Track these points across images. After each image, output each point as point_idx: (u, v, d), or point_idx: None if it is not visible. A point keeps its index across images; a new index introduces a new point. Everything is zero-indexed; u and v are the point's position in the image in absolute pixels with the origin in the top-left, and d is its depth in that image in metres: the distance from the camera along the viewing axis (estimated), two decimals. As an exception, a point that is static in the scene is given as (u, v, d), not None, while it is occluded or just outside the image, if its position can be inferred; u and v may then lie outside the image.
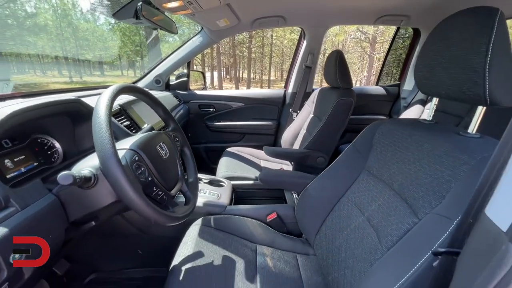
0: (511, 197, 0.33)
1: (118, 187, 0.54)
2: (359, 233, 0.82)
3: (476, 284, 0.35)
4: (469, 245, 0.39)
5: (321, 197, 1.03)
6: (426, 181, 0.67)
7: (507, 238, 0.32)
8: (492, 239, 0.35)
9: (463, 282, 0.39)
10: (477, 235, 0.38)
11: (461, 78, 0.62)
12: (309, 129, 1.79)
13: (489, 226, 0.35)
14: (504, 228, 0.33)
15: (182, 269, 0.85)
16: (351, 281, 0.75)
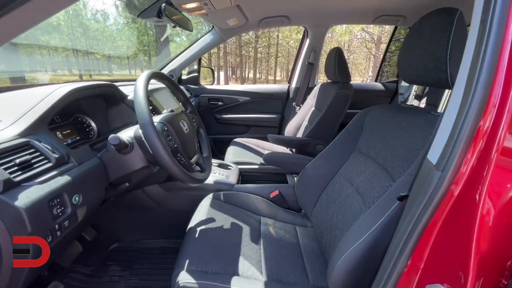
0: (440, 142, 0.47)
1: (154, 146, 0.70)
2: (348, 201, 0.96)
3: (415, 206, 0.49)
4: (415, 185, 0.53)
5: (318, 174, 1.17)
6: (402, 152, 0.80)
7: (435, 167, 0.46)
8: (427, 173, 0.49)
9: (407, 209, 0.53)
10: (420, 175, 0.52)
11: (430, 66, 0.75)
12: (310, 121, 1.93)
13: (427, 164, 0.50)
14: (434, 162, 0.47)
15: (197, 230, 1.00)
16: (340, 238, 0.89)
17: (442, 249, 0.47)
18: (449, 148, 0.44)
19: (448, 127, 0.46)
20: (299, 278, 0.88)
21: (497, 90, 0.41)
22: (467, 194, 0.44)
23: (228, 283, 0.78)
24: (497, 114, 0.41)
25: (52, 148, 0.67)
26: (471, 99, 0.42)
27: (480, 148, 0.43)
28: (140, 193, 1.31)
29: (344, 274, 0.71)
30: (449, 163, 0.44)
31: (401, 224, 0.55)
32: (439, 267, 0.48)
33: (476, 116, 0.42)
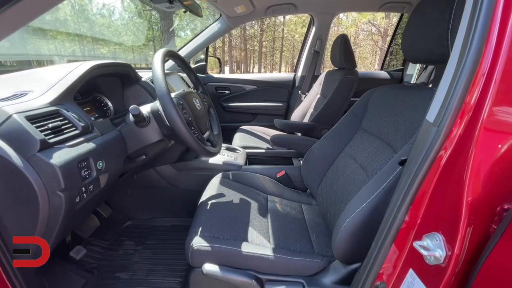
0: (437, 102, 0.52)
1: (171, 116, 0.75)
2: (352, 176, 1.00)
3: (413, 163, 0.54)
4: (414, 145, 0.57)
5: (324, 154, 1.21)
6: (404, 126, 0.84)
7: (432, 124, 0.51)
8: (425, 131, 0.53)
9: (406, 169, 0.57)
10: (419, 135, 0.56)
11: (431, 42, 0.78)
12: (316, 108, 1.96)
13: (426, 124, 0.54)
14: (432, 120, 0.51)
15: (208, 203, 1.06)
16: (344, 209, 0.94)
17: (437, 201, 0.52)
18: (445, 105, 0.49)
19: (445, 87, 0.50)
20: (304, 247, 0.93)
21: (488, 53, 0.45)
22: (461, 147, 0.48)
23: (239, 247, 0.83)
24: (489, 72, 0.45)
25: (78, 117, 0.73)
26: (467, 56, 0.46)
27: (474, 104, 0.47)
28: (153, 173, 1.38)
29: (347, 237, 0.76)
30: (445, 118, 0.48)
31: (400, 183, 0.60)
32: (434, 218, 0.53)
33: (470, 73, 0.46)
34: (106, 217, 1.38)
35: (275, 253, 0.84)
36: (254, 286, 0.81)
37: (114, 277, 1.12)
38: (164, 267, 1.18)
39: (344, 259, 0.81)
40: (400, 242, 0.58)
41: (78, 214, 0.75)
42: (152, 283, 1.10)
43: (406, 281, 0.57)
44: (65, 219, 0.65)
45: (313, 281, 0.84)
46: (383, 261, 0.61)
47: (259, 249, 0.84)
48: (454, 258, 0.48)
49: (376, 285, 0.62)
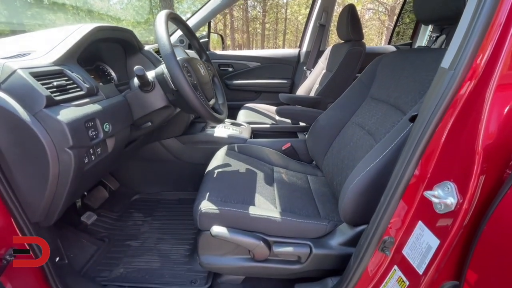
0: (453, 48, 0.49)
1: (176, 76, 0.73)
2: (359, 142, 0.99)
3: (426, 112, 0.52)
4: (427, 96, 0.55)
5: (330, 124, 1.20)
6: (414, 88, 0.82)
7: (447, 70, 0.49)
8: (439, 78, 0.51)
9: (416, 122, 0.56)
10: (432, 84, 0.54)
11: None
12: (321, 83, 1.92)
13: (440, 72, 0.52)
14: (447, 66, 0.49)
15: (215, 172, 1.06)
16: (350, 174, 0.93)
17: (450, 150, 0.51)
18: (461, 48, 0.46)
19: (462, 31, 0.48)
20: (311, 213, 0.94)
21: None
22: (477, 91, 0.46)
23: (247, 209, 0.84)
24: (509, 13, 0.43)
25: (83, 78, 0.72)
26: None
27: (492, 46, 0.45)
28: (158, 146, 1.38)
29: (355, 198, 0.76)
30: (461, 61, 0.46)
31: (410, 138, 0.59)
32: (446, 167, 0.52)
33: (489, 16, 0.44)
34: (114, 190, 1.40)
35: (282, 216, 0.85)
36: (261, 247, 0.83)
37: (125, 244, 1.15)
38: (173, 236, 1.21)
39: (351, 221, 0.81)
40: (409, 195, 0.58)
41: (87, 177, 0.76)
42: (161, 250, 1.13)
43: (415, 233, 0.58)
44: (75, 179, 0.66)
45: (320, 243, 0.85)
46: (391, 216, 0.61)
47: (266, 212, 0.85)
48: (466, 204, 0.48)
49: (384, 240, 0.63)
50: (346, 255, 0.82)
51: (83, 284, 0.86)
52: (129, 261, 1.07)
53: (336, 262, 0.85)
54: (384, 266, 0.65)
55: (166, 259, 1.08)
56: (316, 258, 0.84)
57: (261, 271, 0.89)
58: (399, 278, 0.61)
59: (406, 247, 0.60)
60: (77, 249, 1.04)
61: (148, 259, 1.08)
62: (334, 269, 0.86)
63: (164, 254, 1.11)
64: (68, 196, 0.67)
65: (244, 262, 0.87)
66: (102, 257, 1.07)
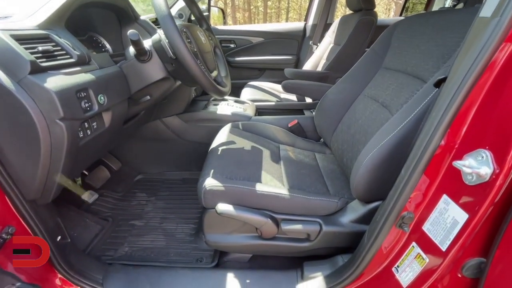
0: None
1: (174, 41, 0.67)
2: (372, 116, 0.93)
3: (459, 72, 0.45)
4: (464, 48, 0.48)
5: (340, 99, 1.13)
6: (437, 52, 0.74)
7: (490, 18, 0.42)
8: (478, 30, 0.44)
9: (446, 85, 0.49)
10: (467, 40, 0.47)
11: None
12: (329, 58, 1.82)
13: (478, 23, 0.45)
14: (489, 14, 0.42)
15: (219, 149, 1.01)
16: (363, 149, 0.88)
17: (486, 114, 0.45)
18: None
19: None
20: (320, 190, 0.89)
21: None
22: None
23: (253, 186, 0.80)
24: None
25: (72, 45, 0.66)
26: None
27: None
28: (160, 124, 1.33)
29: (369, 174, 0.71)
30: (510, 6, 0.39)
31: (436, 105, 0.52)
32: (480, 133, 0.46)
33: None
34: (116, 170, 1.37)
35: (291, 193, 0.81)
36: (269, 225, 0.79)
37: (129, 224, 1.13)
38: (177, 215, 1.19)
39: (364, 197, 0.77)
40: (434, 167, 0.53)
41: (84, 153, 0.71)
42: (166, 229, 1.11)
43: (438, 208, 0.53)
44: (69, 154, 0.61)
45: (330, 221, 0.81)
46: (412, 190, 0.56)
47: (274, 189, 0.81)
48: (503, 174, 0.42)
49: (402, 216, 0.58)
50: (358, 233, 0.79)
51: (87, 262, 0.84)
52: (134, 240, 1.05)
53: (347, 240, 0.81)
54: (401, 243, 0.61)
55: (172, 238, 1.07)
56: (326, 235, 0.80)
57: (268, 249, 0.86)
58: (417, 255, 0.58)
59: (427, 223, 0.55)
60: (81, 228, 1.03)
61: (153, 238, 1.06)
62: (345, 246, 0.83)
63: (169, 233, 1.09)
64: (64, 173, 0.63)
65: (251, 240, 0.85)
66: (107, 236, 1.05)
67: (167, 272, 0.87)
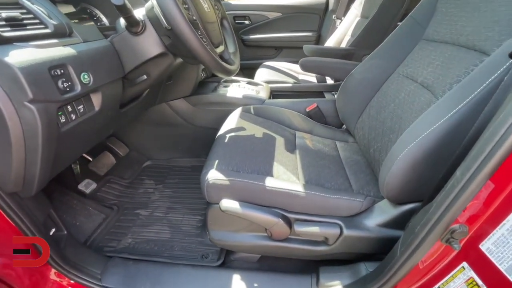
0: None
1: (166, 6, 0.55)
2: (409, 99, 0.77)
3: None
4: None
5: (368, 78, 0.97)
6: (505, 15, 0.57)
7: None
8: None
9: None
10: None
11: None
12: (354, 34, 1.62)
13: None
14: None
15: (227, 136, 0.90)
16: (396, 140, 0.73)
17: None
18: None
19: None
20: (341, 185, 0.77)
21: None
22: None
23: (263, 181, 0.69)
24: None
25: (48, 12, 0.56)
26: None
27: None
28: (166, 108, 1.24)
29: (406, 171, 0.57)
30: None
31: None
32: None
33: None
34: (123, 156, 1.32)
35: (307, 189, 0.69)
36: (280, 225, 0.69)
37: (134, 213, 1.08)
38: (184, 206, 1.12)
39: (396, 198, 0.64)
40: (506, 172, 0.39)
41: (71, 140, 0.63)
42: (171, 220, 1.04)
43: (507, 223, 0.39)
44: (48, 142, 0.53)
45: (352, 223, 0.69)
46: (470, 199, 0.42)
47: (287, 184, 0.70)
48: None
49: (452, 229, 0.45)
50: (386, 239, 0.66)
51: (85, 256, 0.79)
52: (137, 231, 0.99)
53: (372, 246, 0.69)
54: (446, 260, 0.49)
55: (177, 230, 1.00)
56: (347, 240, 0.69)
57: (279, 251, 0.76)
58: (470, 280, 0.45)
59: (487, 241, 0.42)
60: (83, 218, 0.98)
61: (158, 230, 1.00)
62: (369, 253, 0.71)
63: (174, 224, 1.03)
64: (45, 162, 0.55)
65: (260, 240, 0.75)
66: (110, 226, 1.01)
67: (168, 269, 0.80)
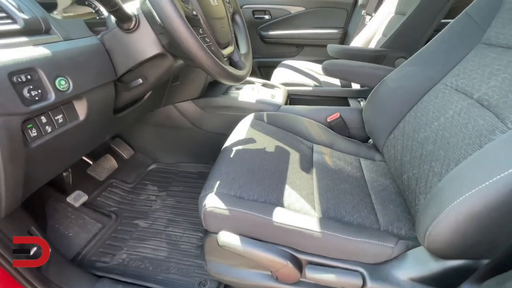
0: None
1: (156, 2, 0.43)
2: (459, 120, 0.61)
3: None
4: None
5: (404, 87, 0.81)
6: None
7: None
8: None
9: None
10: None
11: None
12: (386, 33, 1.43)
13: None
14: None
15: (233, 149, 0.79)
16: (441, 172, 0.58)
17: None
18: None
19: None
20: (365, 219, 0.63)
21: None
22: None
23: (269, 214, 0.57)
24: None
25: (18, 5, 0.46)
26: None
27: None
28: (173, 110, 1.15)
29: (462, 223, 0.42)
30: None
31: None
32: None
33: None
34: (127, 159, 1.25)
35: (323, 228, 0.56)
36: (289, 268, 0.57)
37: (132, 224, 1.00)
38: (186, 219, 1.03)
39: (441, 253, 0.49)
40: None
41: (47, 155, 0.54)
42: (171, 235, 0.95)
43: None
44: (12, 161, 0.44)
45: (379, 273, 0.56)
46: None
47: (299, 220, 0.57)
48: None
49: None
50: (422, 298, 0.52)
51: (71, 276, 0.72)
52: (134, 245, 0.92)
53: (403, 304, 0.55)
54: None
55: (175, 248, 0.91)
56: (370, 293, 0.55)
57: (286, 293, 0.65)
58: None
59: None
60: (78, 227, 0.92)
61: (155, 246, 0.92)
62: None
63: (173, 241, 0.94)
64: (11, 184, 0.47)
65: (264, 280, 0.64)
66: (106, 238, 0.94)
67: None
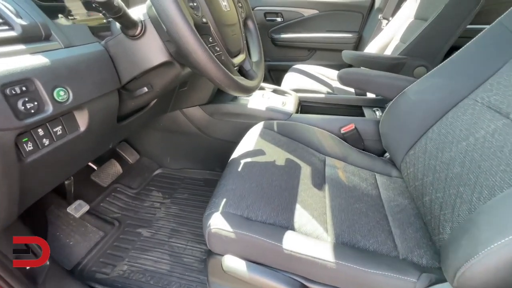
0: None
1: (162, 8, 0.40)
2: (493, 141, 0.55)
3: None
4: None
5: (427, 101, 0.75)
6: None
7: None
8: None
9: None
10: None
11: None
12: (404, 39, 1.37)
13: None
14: None
15: (241, 162, 0.75)
16: (472, 199, 0.53)
17: None
18: None
19: None
20: (382, 245, 0.58)
21: None
22: None
23: (279, 240, 0.52)
24: None
25: (16, 10, 0.43)
26: None
27: None
28: (180, 115, 1.12)
29: (501, 268, 0.37)
30: None
31: None
32: None
33: None
34: (132, 164, 1.22)
35: (337, 258, 0.51)
36: (298, 299, 0.52)
37: (135, 232, 0.97)
38: (190, 229, 0.99)
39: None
40: None
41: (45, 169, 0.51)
42: (174, 247, 0.92)
43: None
44: (6, 177, 0.41)
45: (398, 310, 0.50)
46: None
47: (311, 247, 0.52)
48: None
49: None
50: None
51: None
52: (135, 256, 0.89)
53: None
54: None
55: (178, 261, 0.87)
56: (388, 331, 0.50)
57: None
58: None
59: None
60: (79, 235, 0.90)
61: (157, 258, 0.88)
62: None
63: (176, 253, 0.90)
64: (5, 200, 0.44)
65: (271, 307, 0.59)
66: (108, 247, 0.91)
67: None
